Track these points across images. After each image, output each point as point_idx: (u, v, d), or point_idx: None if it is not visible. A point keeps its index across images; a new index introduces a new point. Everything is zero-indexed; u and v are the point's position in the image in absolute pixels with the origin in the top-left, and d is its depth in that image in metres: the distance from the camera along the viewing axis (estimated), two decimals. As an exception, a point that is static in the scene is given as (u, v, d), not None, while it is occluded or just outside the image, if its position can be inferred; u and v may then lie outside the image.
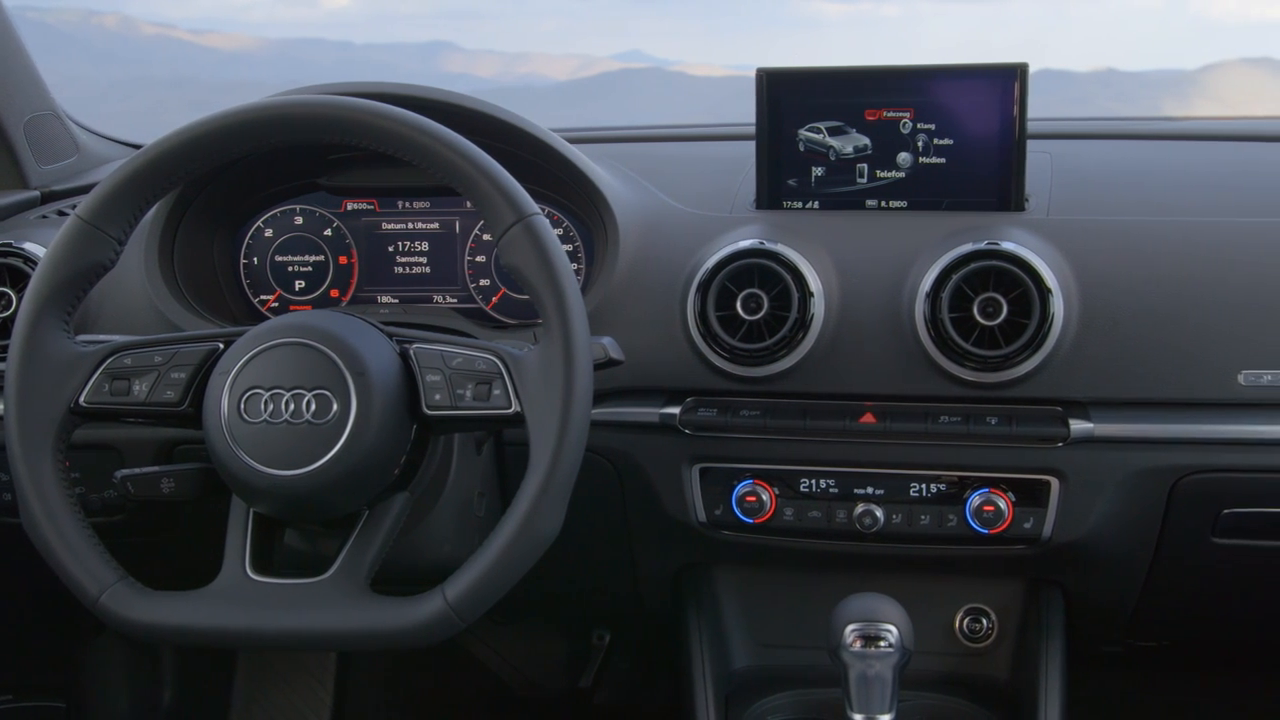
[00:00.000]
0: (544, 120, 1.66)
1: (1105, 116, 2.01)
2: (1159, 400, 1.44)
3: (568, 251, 1.65)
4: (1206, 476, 1.45)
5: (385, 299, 1.71)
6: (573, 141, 1.67)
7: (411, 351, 1.29)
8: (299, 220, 1.72)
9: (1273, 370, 1.41)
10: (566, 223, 1.67)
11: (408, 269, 1.71)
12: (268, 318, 1.38)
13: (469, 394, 1.26)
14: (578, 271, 1.65)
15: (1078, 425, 1.42)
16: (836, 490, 1.50)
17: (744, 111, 1.61)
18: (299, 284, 1.73)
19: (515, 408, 1.25)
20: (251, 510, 1.29)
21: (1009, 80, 1.51)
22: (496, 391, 1.25)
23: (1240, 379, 1.41)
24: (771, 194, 1.60)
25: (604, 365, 1.33)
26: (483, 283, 1.69)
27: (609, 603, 1.92)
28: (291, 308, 1.72)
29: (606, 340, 1.34)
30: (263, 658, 2.15)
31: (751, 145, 1.60)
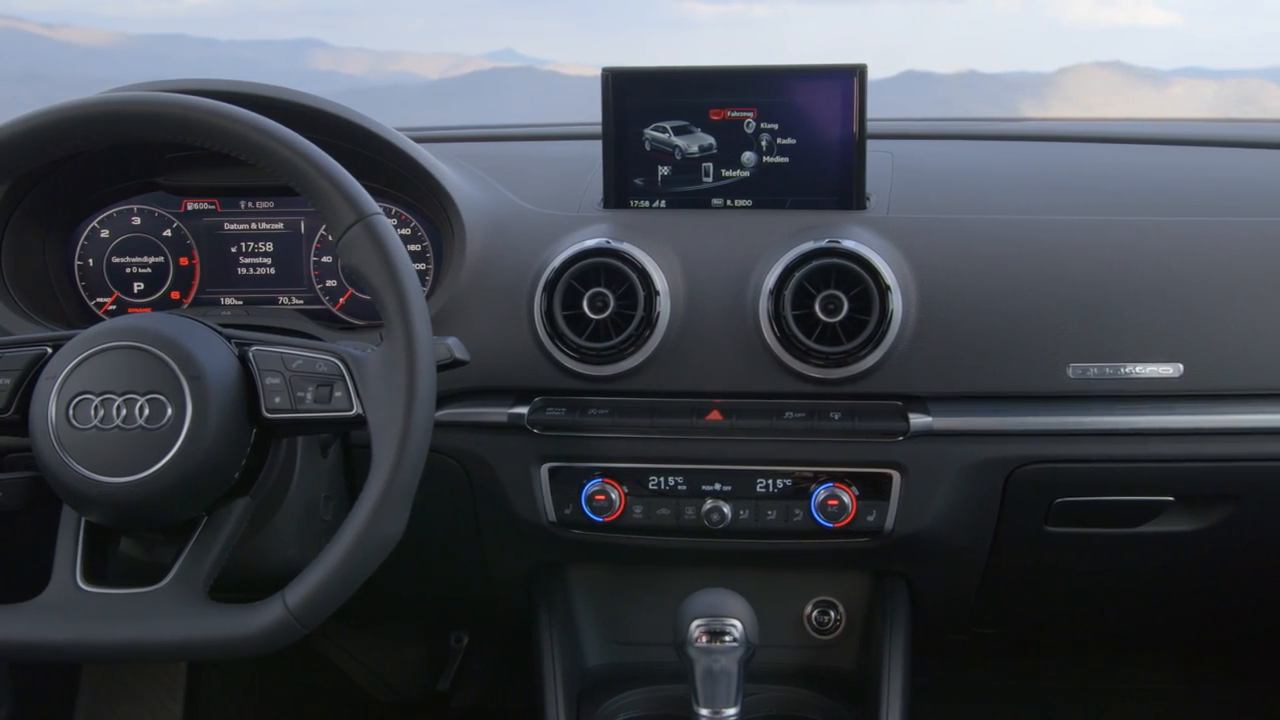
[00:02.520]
0: (416, 119, 1.65)
1: (946, 118, 2.06)
2: (994, 394, 1.48)
3: (415, 252, 1.64)
4: (1039, 467, 1.49)
5: (229, 301, 1.68)
6: (421, 141, 1.65)
7: (250, 354, 1.27)
8: (137, 220, 1.68)
9: (1099, 363, 1.46)
10: (414, 222, 1.65)
11: (251, 270, 1.68)
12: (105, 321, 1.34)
13: (310, 396, 1.25)
14: (426, 272, 1.64)
15: (917, 419, 1.46)
16: (684, 487, 1.52)
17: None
18: (138, 286, 1.68)
19: (357, 410, 1.23)
20: (83, 519, 1.26)
21: (848, 81, 1.54)
22: (338, 393, 1.24)
23: (1069, 372, 1.46)
24: (618, 193, 1.61)
25: (449, 366, 1.32)
26: (329, 283, 1.67)
27: (465, 604, 1.91)
28: (130, 310, 1.67)
29: (451, 340, 1.34)
30: (108, 672, 2.09)
31: (599, 145, 1.60)
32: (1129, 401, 1.47)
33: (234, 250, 1.68)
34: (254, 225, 1.67)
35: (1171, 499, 1.52)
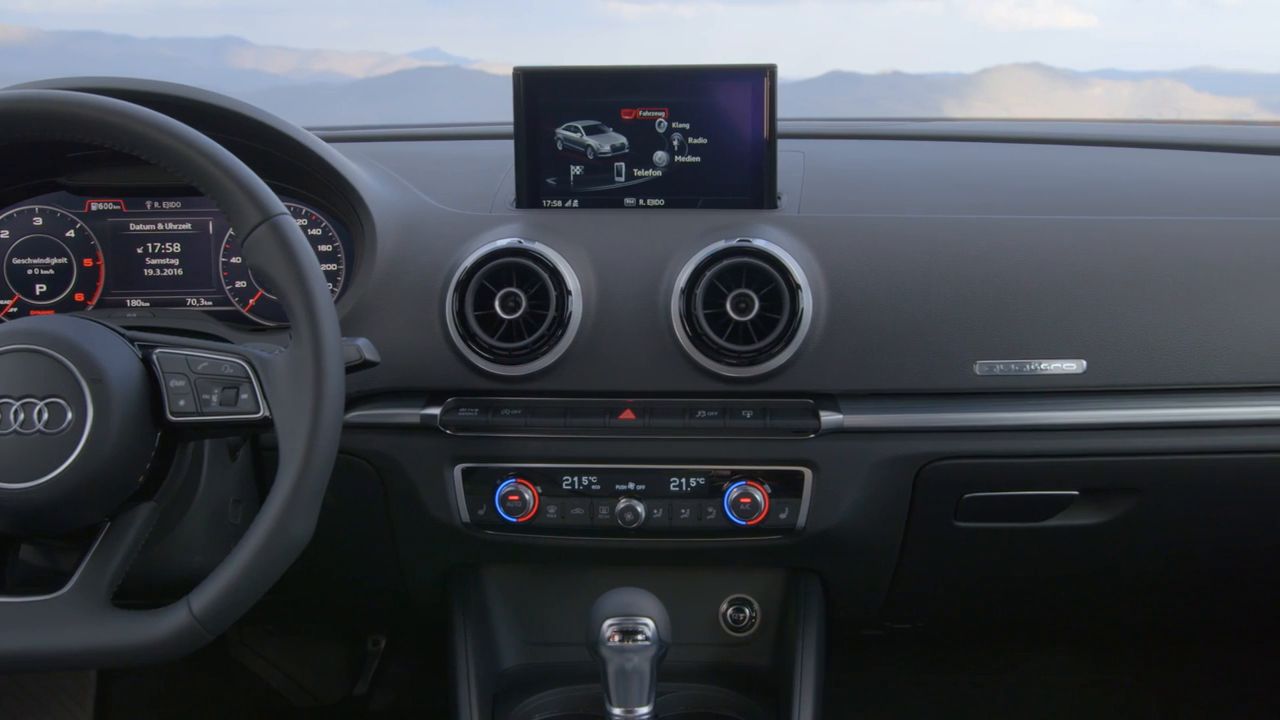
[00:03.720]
0: (340, 118, 1.63)
1: (858, 117, 2.08)
2: (903, 391, 1.49)
3: (326, 252, 1.62)
4: (948, 463, 1.51)
5: (135, 303, 1.65)
6: (333, 140, 1.64)
7: (154, 356, 1.26)
8: (38, 221, 1.64)
9: (1005, 360, 1.48)
10: (325, 223, 1.63)
11: (158, 271, 1.65)
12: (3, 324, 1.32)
13: (215, 399, 1.23)
14: (337, 272, 1.63)
15: (828, 417, 1.47)
16: (598, 487, 1.52)
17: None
18: (40, 288, 1.65)
19: (264, 412, 1.22)
20: None
21: (759, 81, 1.55)
22: (244, 396, 1.23)
23: (976, 369, 1.48)
24: (531, 193, 1.60)
25: (358, 367, 1.32)
26: (239, 284, 1.65)
27: (380, 606, 1.90)
28: (32, 313, 1.64)
29: (361, 341, 1.33)
30: (13, 682, 2.05)
31: (512, 144, 1.60)
32: (1035, 397, 1.49)
33: (140, 251, 1.65)
34: (161, 226, 1.65)
35: (1076, 493, 1.55)
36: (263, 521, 1.18)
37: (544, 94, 1.58)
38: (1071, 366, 1.48)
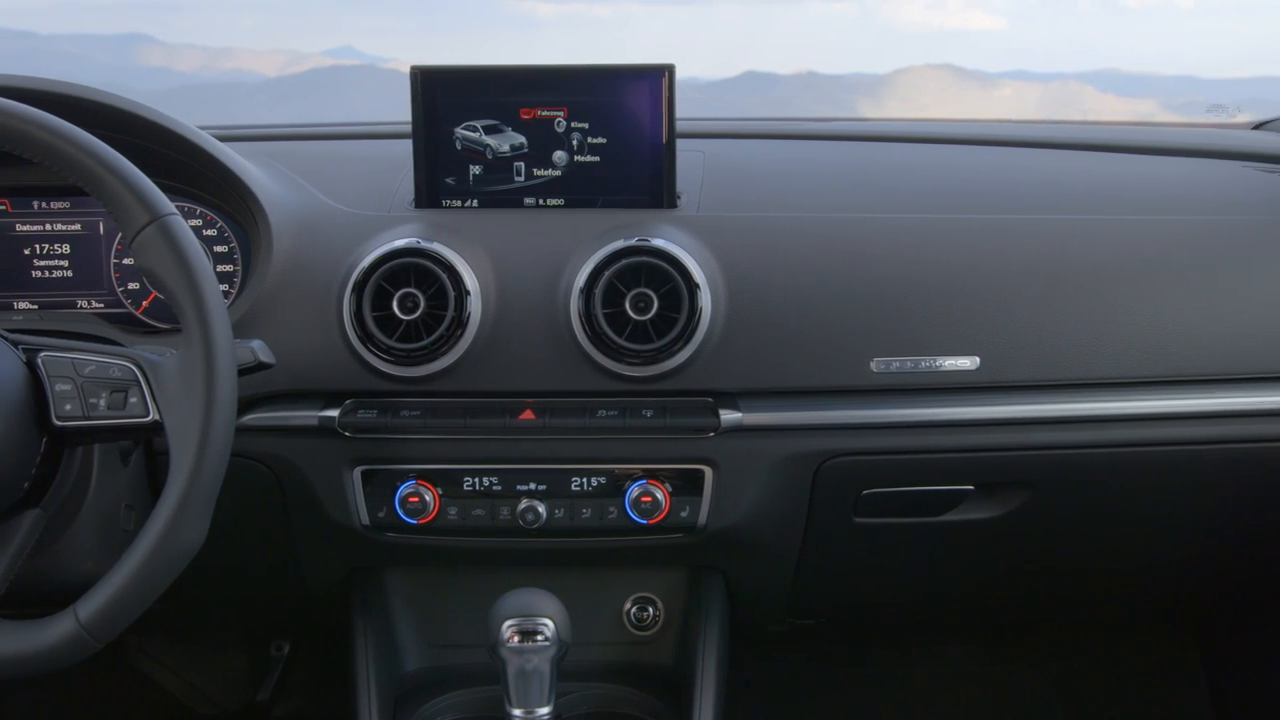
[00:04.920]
0: (252, 116, 1.61)
1: (758, 117, 2.09)
2: (801, 389, 1.51)
3: (222, 253, 1.60)
4: (846, 460, 1.53)
5: (22, 305, 1.61)
6: (230, 140, 1.62)
7: (39, 360, 1.23)
8: None
9: (901, 357, 1.50)
10: (221, 223, 1.61)
11: (47, 273, 1.61)
12: None
13: (103, 403, 1.21)
14: (233, 273, 1.60)
15: (727, 415, 1.48)
16: (499, 487, 1.51)
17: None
18: None
19: (153, 416, 1.20)
20: None
21: (657, 81, 1.55)
22: (133, 399, 1.21)
23: (873, 366, 1.50)
24: (430, 193, 1.59)
25: (252, 369, 1.30)
26: (131, 286, 1.62)
27: (281, 611, 1.88)
28: None
29: (255, 343, 1.31)
30: None
31: (410, 144, 1.59)
32: (930, 394, 1.51)
33: (27, 252, 1.61)
34: (49, 226, 1.61)
35: (971, 488, 1.58)
36: (152, 527, 1.16)
37: (442, 93, 1.57)
38: (966, 363, 1.50)
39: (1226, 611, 2.16)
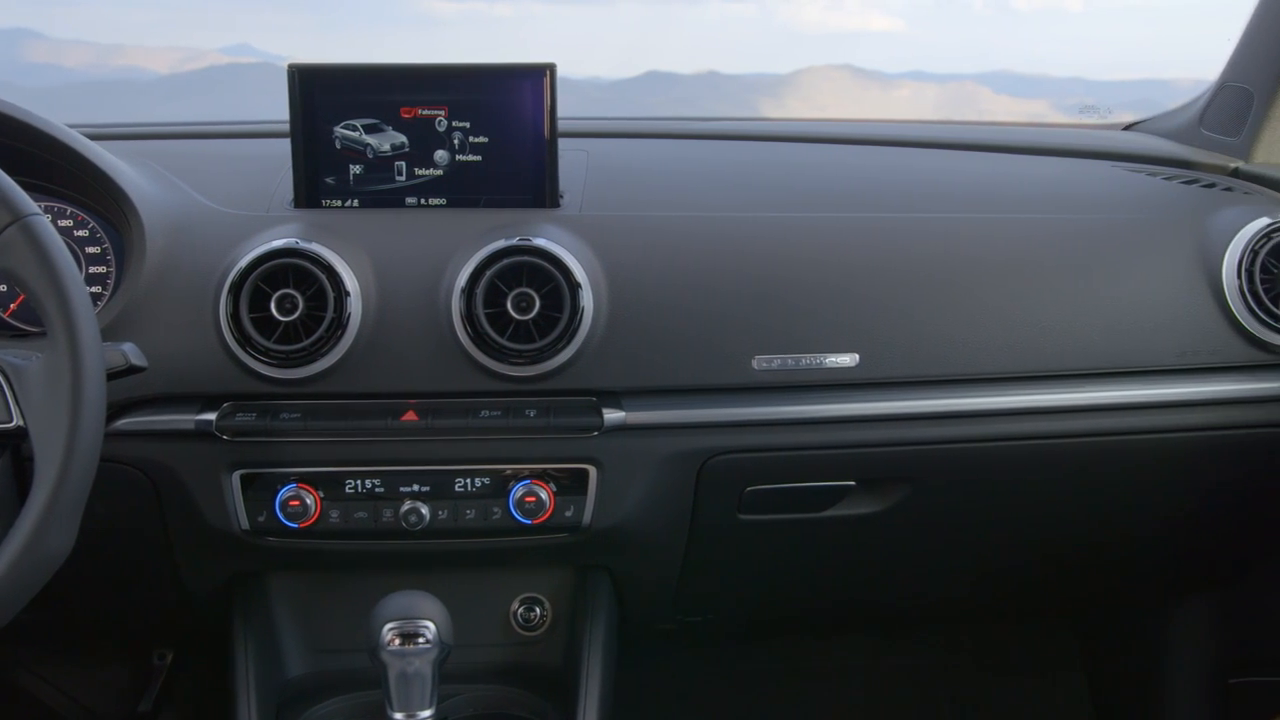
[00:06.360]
0: (145, 114, 1.57)
1: (650, 116, 2.10)
2: (684, 387, 1.52)
3: (95, 254, 1.57)
4: (729, 457, 1.54)
5: None
6: (105, 139, 1.58)
7: None
8: None
9: (782, 355, 1.51)
10: (93, 223, 1.57)
11: None
12: None
13: None
14: (106, 274, 1.57)
15: (610, 414, 1.48)
16: (382, 490, 1.50)
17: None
18: None
19: (17, 421, 1.17)
20: None
21: (538, 80, 1.55)
22: None
23: (755, 364, 1.51)
24: (309, 192, 1.57)
25: (123, 373, 1.27)
26: None
27: (162, 619, 1.84)
28: None
29: (126, 346, 1.28)
30: None
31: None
32: (811, 391, 1.53)
33: None
34: None
35: (853, 483, 1.60)
36: (16, 535, 1.13)
37: (321, 92, 1.55)
38: (846, 360, 1.52)
39: (1104, 604, 2.21)
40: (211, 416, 1.46)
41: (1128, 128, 2.16)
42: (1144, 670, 2.14)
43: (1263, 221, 1.60)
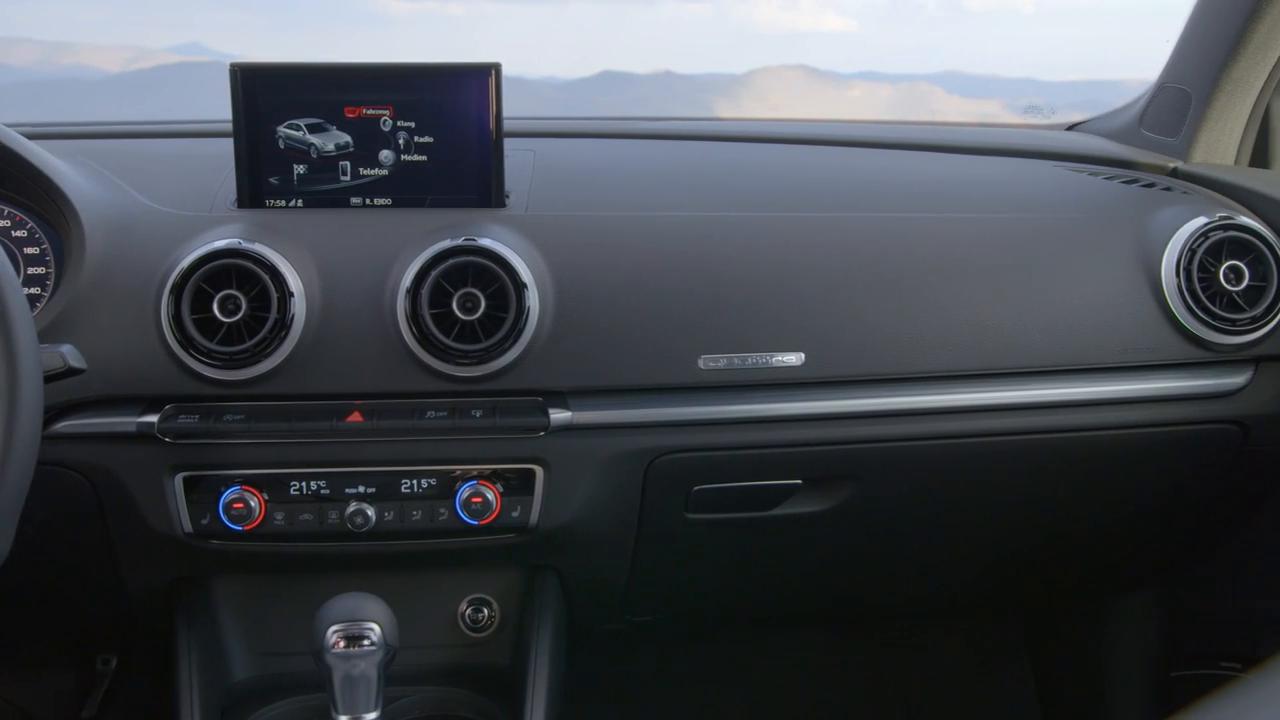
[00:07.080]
0: (94, 113, 1.55)
1: (600, 116, 2.10)
2: (631, 387, 1.52)
3: (33, 254, 1.55)
4: (676, 457, 1.54)
5: None
6: (42, 138, 1.56)
7: None
8: None
9: (728, 354, 1.52)
10: (31, 224, 1.55)
11: None
12: None
13: None
14: (46, 275, 1.55)
15: (557, 414, 1.48)
16: (327, 491, 1.49)
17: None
18: None
19: None
20: None
21: (484, 80, 1.54)
22: None
23: (701, 363, 1.51)
24: (253, 192, 1.56)
25: (61, 375, 1.26)
26: None
27: (105, 624, 1.82)
28: None
29: (65, 348, 1.27)
30: None
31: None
32: (758, 390, 1.53)
33: None
34: None
35: (799, 482, 1.61)
36: None
37: (264, 91, 1.54)
38: (791, 359, 1.53)
39: (1048, 599, 2.24)
40: (153, 419, 1.45)
41: (1071, 128, 2.18)
42: (1088, 664, 2.17)
43: (1200, 221, 1.62)
